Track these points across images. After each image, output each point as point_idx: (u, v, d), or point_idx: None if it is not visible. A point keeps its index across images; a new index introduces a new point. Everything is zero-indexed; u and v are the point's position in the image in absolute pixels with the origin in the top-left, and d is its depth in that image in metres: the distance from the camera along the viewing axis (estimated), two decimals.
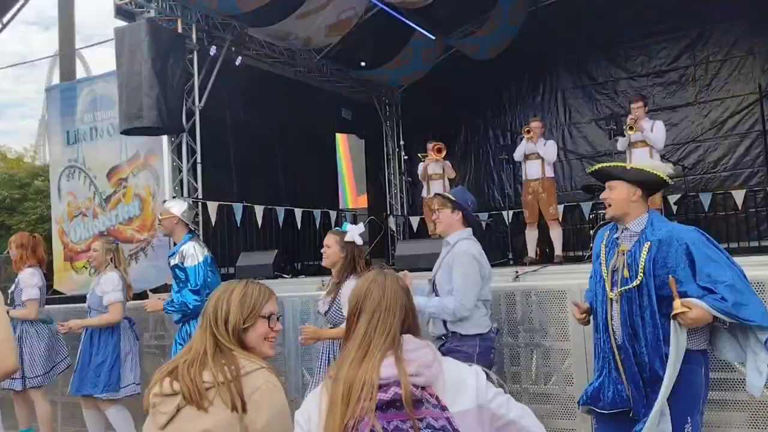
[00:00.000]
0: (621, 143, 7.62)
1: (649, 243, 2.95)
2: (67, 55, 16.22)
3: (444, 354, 3.52)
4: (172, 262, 4.67)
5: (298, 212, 10.07)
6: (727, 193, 9.42)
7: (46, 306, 5.78)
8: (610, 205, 3.11)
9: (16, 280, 5.41)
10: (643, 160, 7.38)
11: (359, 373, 1.74)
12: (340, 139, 12.91)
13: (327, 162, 11.60)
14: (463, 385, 1.79)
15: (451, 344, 3.76)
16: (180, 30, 8.18)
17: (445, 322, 3.77)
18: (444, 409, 1.69)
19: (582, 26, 10.86)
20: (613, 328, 3.03)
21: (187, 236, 4.79)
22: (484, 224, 9.47)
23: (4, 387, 5.19)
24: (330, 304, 3.92)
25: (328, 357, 3.94)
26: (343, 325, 3.59)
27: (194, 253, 4.62)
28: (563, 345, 4.42)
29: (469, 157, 11.93)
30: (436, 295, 3.80)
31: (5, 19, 28.85)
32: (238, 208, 8.93)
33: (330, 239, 4.00)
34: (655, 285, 2.88)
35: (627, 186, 3.07)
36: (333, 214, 10.93)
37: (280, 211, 9.75)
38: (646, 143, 7.31)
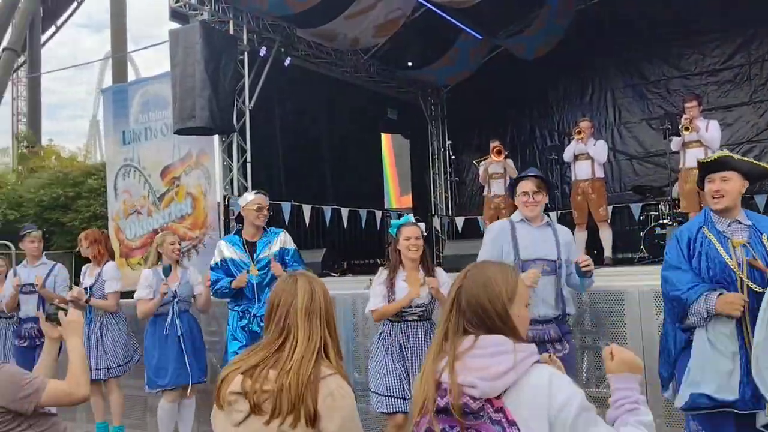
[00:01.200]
0: (675, 143, 7.46)
1: (765, 235, 2.99)
2: (119, 57, 16.65)
3: (563, 335, 3.62)
4: (272, 250, 4.76)
5: (344, 211, 10.15)
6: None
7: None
8: (722, 196, 3.07)
9: (96, 273, 5.58)
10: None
11: (433, 366, 1.74)
12: (385, 138, 12.96)
13: (372, 162, 11.66)
14: (542, 402, 1.62)
15: (567, 325, 3.79)
16: (232, 32, 8.34)
17: (564, 300, 3.70)
18: (512, 424, 1.59)
19: (632, 24, 10.65)
20: (748, 323, 2.92)
21: (274, 229, 5.05)
22: None
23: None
24: (432, 295, 3.98)
25: (387, 348, 3.96)
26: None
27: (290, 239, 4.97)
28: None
29: (515, 157, 11.75)
30: (558, 277, 3.71)
31: (58, 22, 29.69)
32: (286, 207, 9.04)
33: (417, 231, 4.08)
34: None
35: (739, 178, 3.08)
36: (378, 213, 10.98)
37: (327, 210, 9.84)
38: (701, 143, 7.14)
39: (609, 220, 8.38)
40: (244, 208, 4.96)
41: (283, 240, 4.86)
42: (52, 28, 27.42)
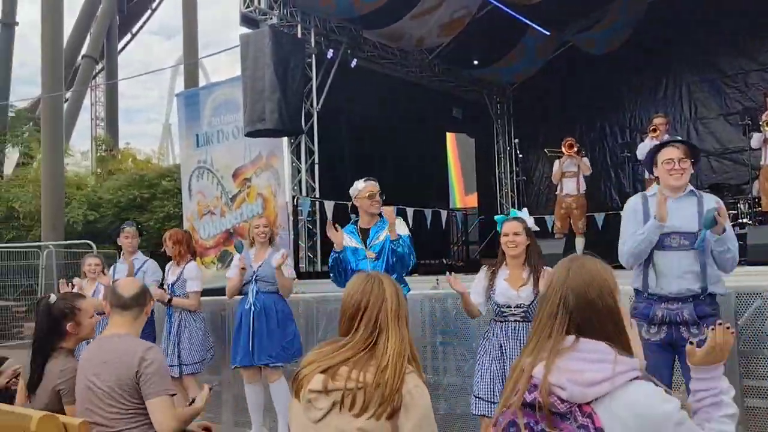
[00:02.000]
0: (755, 140, 7.14)
1: None
2: (192, 63, 17.20)
3: (702, 318, 3.28)
4: (379, 238, 4.60)
5: (409, 211, 10.17)
6: None
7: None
8: None
9: (178, 272, 5.78)
10: None
11: (522, 360, 1.72)
12: (449, 138, 12.92)
13: (437, 161, 11.64)
14: (642, 425, 1.56)
15: (709, 307, 3.36)
16: (299, 35, 8.50)
17: (706, 279, 3.34)
18: (598, 430, 1.55)
19: (708, 16, 10.23)
20: None
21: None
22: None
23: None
24: (535, 294, 3.66)
25: (489, 350, 3.81)
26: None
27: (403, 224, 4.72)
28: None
29: (585, 155, 11.58)
30: (702, 251, 3.34)
31: (133, 30, 30.84)
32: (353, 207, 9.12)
33: (518, 226, 3.76)
34: None
35: None
36: (444, 213, 10.95)
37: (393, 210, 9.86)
38: None
39: None
40: (356, 198, 4.91)
41: (399, 225, 4.62)
42: (128, 36, 28.59)
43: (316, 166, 8.69)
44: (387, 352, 1.99)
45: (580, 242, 8.40)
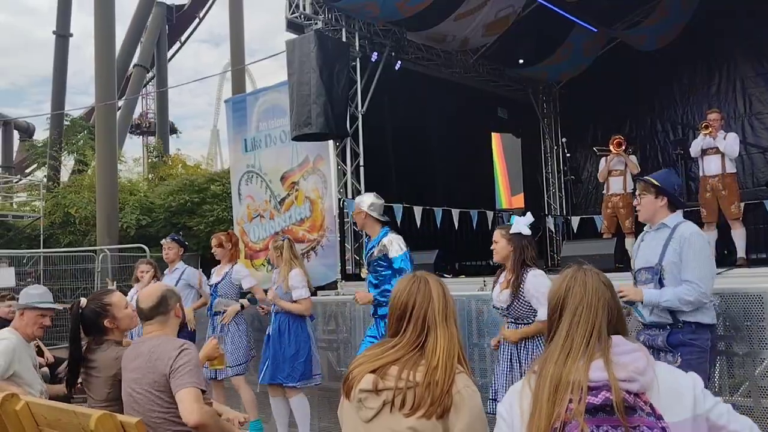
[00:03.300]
0: None
1: None
2: (238, 69, 17.49)
3: (674, 346, 3.43)
4: (374, 255, 4.80)
5: (455, 212, 10.13)
6: None
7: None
8: None
9: (224, 272, 5.91)
10: None
11: (565, 372, 1.68)
12: (495, 138, 12.80)
13: (483, 162, 11.55)
14: (679, 394, 1.69)
15: (684, 336, 3.45)
16: (344, 39, 8.56)
17: (672, 312, 3.47)
18: (659, 418, 1.60)
19: (762, 7, 9.87)
20: None
21: (384, 230, 4.86)
22: None
23: (211, 377, 5.60)
24: (512, 298, 3.87)
25: (510, 354, 3.91)
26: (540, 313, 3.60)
27: (396, 244, 4.71)
28: (760, 352, 4.07)
29: (635, 153, 11.32)
30: (660, 285, 3.50)
31: (182, 38, 31.56)
32: (398, 208, 9.15)
33: (496, 234, 4.03)
34: None
35: None
36: (490, 214, 10.86)
37: (438, 212, 9.86)
38: None
39: (741, 218, 7.83)
40: None
41: (385, 245, 4.72)
42: (177, 45, 29.26)
43: (362, 169, 8.73)
44: (437, 352, 2.00)
45: (630, 242, 8.21)
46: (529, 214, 4.07)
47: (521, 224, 3.92)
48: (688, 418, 1.66)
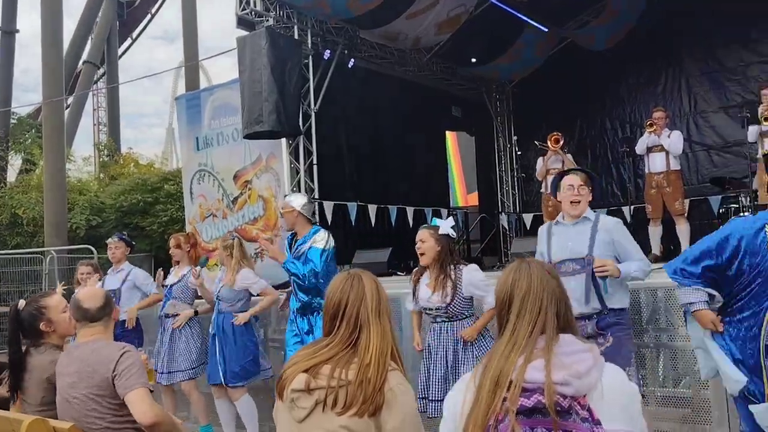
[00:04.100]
0: (752, 133, 7.10)
1: None
2: (191, 66, 17.22)
3: (604, 329, 3.56)
4: (302, 250, 4.82)
5: (410, 211, 10.17)
6: None
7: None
8: None
9: (181, 274, 5.80)
10: None
11: (507, 366, 1.68)
12: (450, 137, 12.91)
13: (438, 161, 11.62)
14: (623, 402, 1.66)
15: (611, 319, 3.64)
16: (296, 36, 8.51)
17: (602, 299, 3.61)
18: (597, 423, 1.58)
19: (707, 8, 10.18)
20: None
21: (314, 228, 4.93)
22: None
23: (161, 382, 5.49)
24: (451, 296, 3.88)
25: (446, 352, 3.93)
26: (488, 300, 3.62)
27: (324, 239, 4.81)
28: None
29: (585, 151, 11.54)
30: (592, 274, 3.60)
31: (134, 35, 30.92)
32: (352, 207, 9.15)
33: (424, 234, 4.04)
34: None
35: None
36: (444, 212, 10.94)
37: (393, 210, 9.89)
38: None
39: (686, 214, 8.06)
40: None
41: (313, 239, 4.82)
42: (128, 41, 28.64)
43: (315, 167, 8.69)
44: (369, 350, 2.00)
45: None
46: (450, 217, 4.16)
47: (448, 227, 3.99)
48: (627, 429, 1.63)
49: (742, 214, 7.82)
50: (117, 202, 15.32)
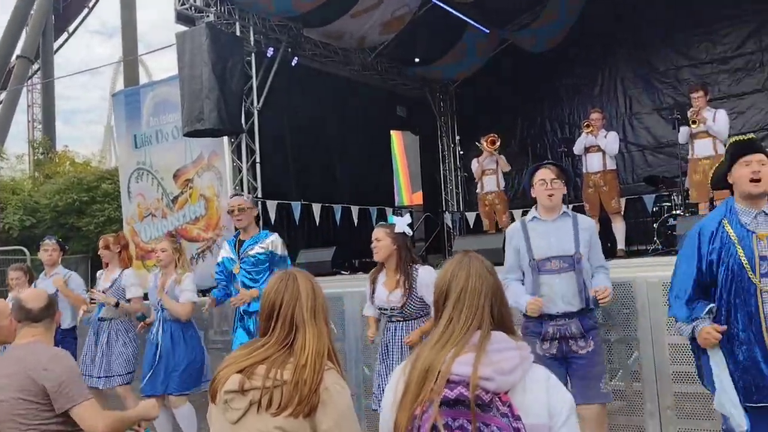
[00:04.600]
0: (682, 135, 7.37)
1: None
2: (130, 61, 16.79)
3: (588, 331, 3.52)
4: (254, 250, 4.75)
5: (354, 210, 10.17)
6: None
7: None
8: (760, 180, 2.88)
9: (113, 278, 5.63)
10: (706, 151, 7.16)
11: (437, 358, 1.70)
12: (395, 136, 12.94)
13: (383, 160, 11.65)
14: (542, 399, 1.69)
15: (591, 320, 3.62)
16: (238, 33, 8.38)
17: (584, 298, 3.55)
18: (517, 419, 1.62)
19: (642, 13, 10.54)
20: (765, 319, 2.81)
21: (264, 232, 4.94)
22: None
23: (92, 386, 5.32)
24: (406, 297, 3.85)
25: (401, 351, 3.90)
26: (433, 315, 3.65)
27: (281, 245, 4.86)
28: (630, 340, 4.33)
29: (526, 150, 11.77)
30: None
31: (70, 29, 29.94)
32: (296, 206, 9.08)
33: (379, 232, 3.99)
34: None
35: None
36: (389, 211, 10.98)
37: (337, 209, 9.86)
38: (709, 134, 7.07)
39: (622, 212, 8.31)
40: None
41: (272, 243, 4.81)
42: (65, 35, 27.69)
43: (258, 166, 8.59)
44: (305, 350, 1.99)
45: None
46: (407, 215, 4.13)
47: (404, 224, 3.96)
48: (546, 423, 1.67)
49: (674, 212, 8.13)
50: (52, 201, 14.82)
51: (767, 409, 2.82)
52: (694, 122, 7.05)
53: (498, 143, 8.58)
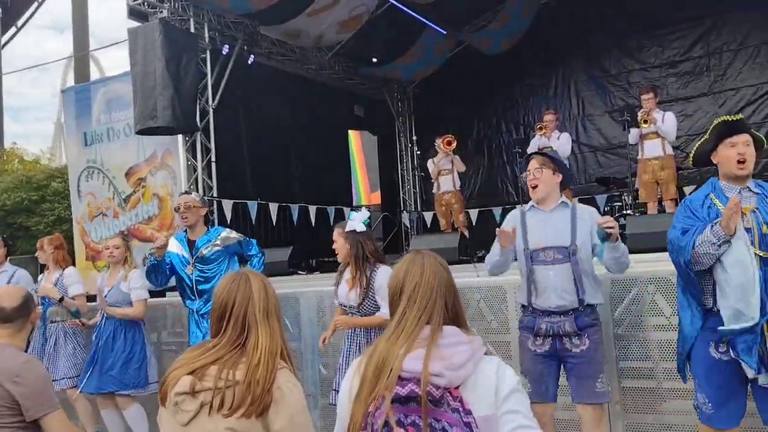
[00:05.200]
0: (632, 136, 7.56)
1: None
2: (81, 57, 16.38)
3: (582, 329, 3.38)
4: (209, 249, 4.70)
5: (312, 209, 10.13)
6: None
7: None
8: (745, 161, 2.95)
9: (54, 278, 5.50)
10: (655, 152, 7.36)
11: (391, 352, 1.71)
12: (353, 135, 12.95)
13: (340, 159, 11.64)
14: (491, 392, 1.70)
15: (588, 318, 3.44)
16: (193, 29, 8.26)
17: (583, 293, 3.41)
18: (468, 413, 1.64)
19: (594, 17, 10.80)
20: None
21: (216, 228, 4.90)
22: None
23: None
24: (363, 296, 3.85)
25: (359, 346, 3.90)
26: (383, 312, 3.66)
27: (234, 233, 4.83)
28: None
29: (482, 151, 11.92)
30: (576, 265, 3.39)
31: (19, 23, 29.08)
32: (252, 205, 9.00)
33: (335, 233, 4.03)
34: None
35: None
36: (347, 210, 10.97)
37: (294, 209, 9.81)
38: (658, 134, 7.28)
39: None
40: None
41: (225, 237, 4.76)
42: (13, 29, 26.83)
43: (213, 165, 8.49)
44: (258, 350, 1.98)
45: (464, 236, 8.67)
46: (364, 209, 4.12)
47: (356, 221, 3.95)
48: (494, 414, 1.68)
49: (625, 211, 8.32)
50: None
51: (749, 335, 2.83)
52: (645, 122, 7.24)
53: (454, 144, 8.66)
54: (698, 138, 10.03)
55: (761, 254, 2.85)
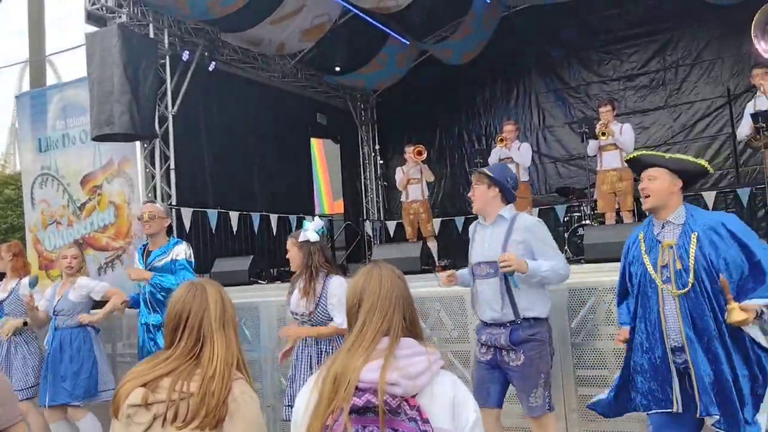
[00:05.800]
0: (591, 147, 7.70)
1: (695, 233, 2.82)
2: (36, 61, 16.01)
3: (517, 344, 3.43)
4: (162, 261, 4.63)
5: (273, 218, 10.04)
6: (697, 194, 9.54)
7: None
8: (648, 196, 2.96)
9: (11, 287, 5.35)
10: (613, 163, 7.51)
11: (349, 364, 1.72)
12: (316, 144, 12.90)
13: (303, 167, 11.57)
14: (448, 405, 1.72)
15: (524, 332, 3.45)
16: (152, 35, 8.13)
17: (515, 307, 3.45)
18: (425, 422, 1.65)
19: (554, 31, 11.01)
20: (666, 328, 2.87)
21: (174, 240, 4.83)
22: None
23: None
24: (314, 305, 3.83)
25: (310, 357, 3.89)
26: (337, 322, 3.64)
27: (186, 251, 4.72)
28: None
29: (444, 161, 12.00)
30: (504, 278, 3.44)
31: None
32: (212, 214, 8.88)
33: (288, 243, 4.01)
34: (709, 277, 2.76)
35: (669, 176, 2.94)
36: (309, 219, 10.89)
37: (255, 217, 9.71)
38: (616, 146, 7.43)
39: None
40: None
41: (176, 252, 4.70)
42: None
43: (172, 173, 8.34)
44: (213, 362, 1.95)
45: (433, 246, 8.70)
46: (318, 218, 4.11)
47: (310, 230, 3.94)
48: (450, 430, 1.70)
49: (583, 222, 8.46)
50: None
51: (671, 414, 2.88)
52: (603, 134, 7.38)
53: (425, 155, 8.70)
54: (654, 150, 10.29)
55: (677, 293, 2.84)
